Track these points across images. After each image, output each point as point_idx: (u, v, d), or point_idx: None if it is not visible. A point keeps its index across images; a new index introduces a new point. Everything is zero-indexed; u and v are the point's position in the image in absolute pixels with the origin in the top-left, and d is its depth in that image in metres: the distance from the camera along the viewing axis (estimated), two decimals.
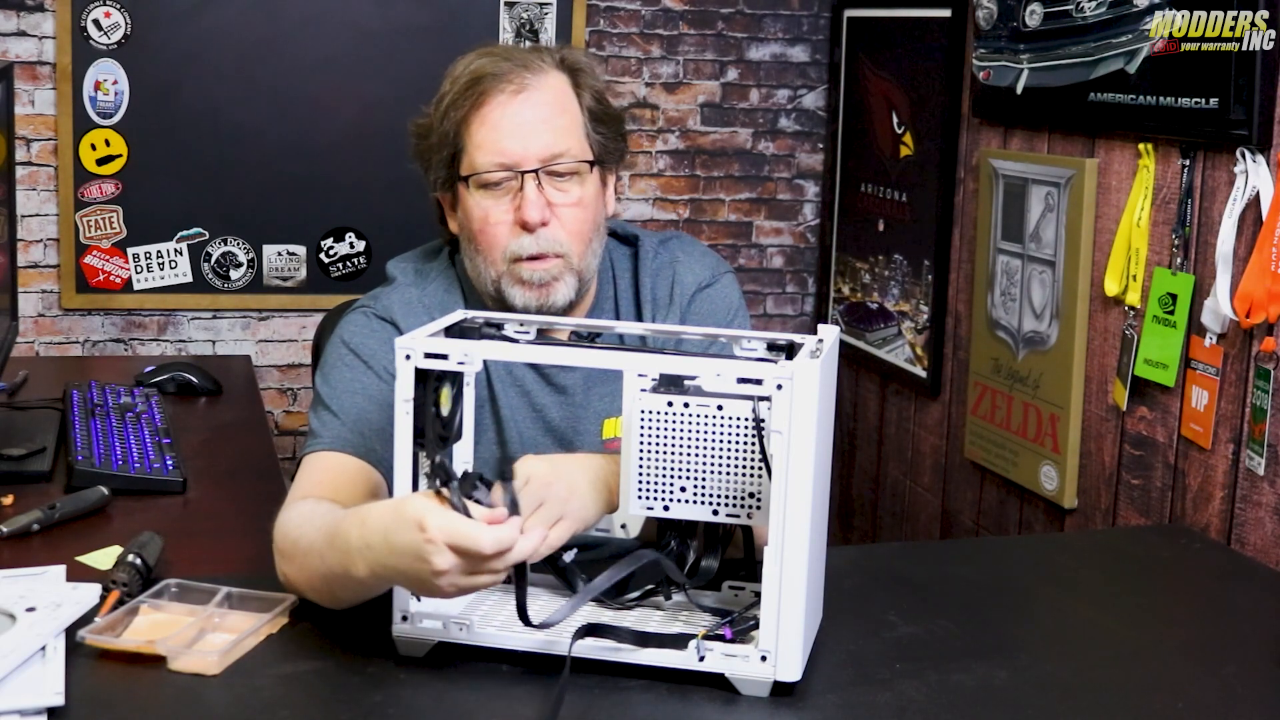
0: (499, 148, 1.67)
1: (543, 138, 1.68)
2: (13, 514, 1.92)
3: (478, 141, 1.68)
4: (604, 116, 1.75)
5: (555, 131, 1.69)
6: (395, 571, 1.34)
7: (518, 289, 1.70)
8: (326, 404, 1.69)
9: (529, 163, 1.67)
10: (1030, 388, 2.75)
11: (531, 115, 1.68)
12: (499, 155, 1.67)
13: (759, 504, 1.35)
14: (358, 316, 1.77)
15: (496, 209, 1.69)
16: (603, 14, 3.65)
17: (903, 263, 3.33)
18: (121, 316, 3.46)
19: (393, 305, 1.76)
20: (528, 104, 1.68)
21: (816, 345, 1.42)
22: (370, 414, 1.66)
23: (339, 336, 1.75)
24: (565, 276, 1.70)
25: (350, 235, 3.56)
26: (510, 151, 1.67)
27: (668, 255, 1.83)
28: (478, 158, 1.68)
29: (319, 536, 1.44)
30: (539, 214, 1.67)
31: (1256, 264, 2.10)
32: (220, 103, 3.42)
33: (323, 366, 1.75)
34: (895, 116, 3.35)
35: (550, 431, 1.76)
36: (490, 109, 1.68)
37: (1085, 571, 1.86)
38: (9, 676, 1.32)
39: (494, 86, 1.68)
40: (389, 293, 1.79)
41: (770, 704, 1.36)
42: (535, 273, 1.69)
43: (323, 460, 1.65)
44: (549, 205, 1.69)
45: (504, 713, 1.34)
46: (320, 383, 1.72)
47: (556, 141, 1.69)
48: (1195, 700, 1.44)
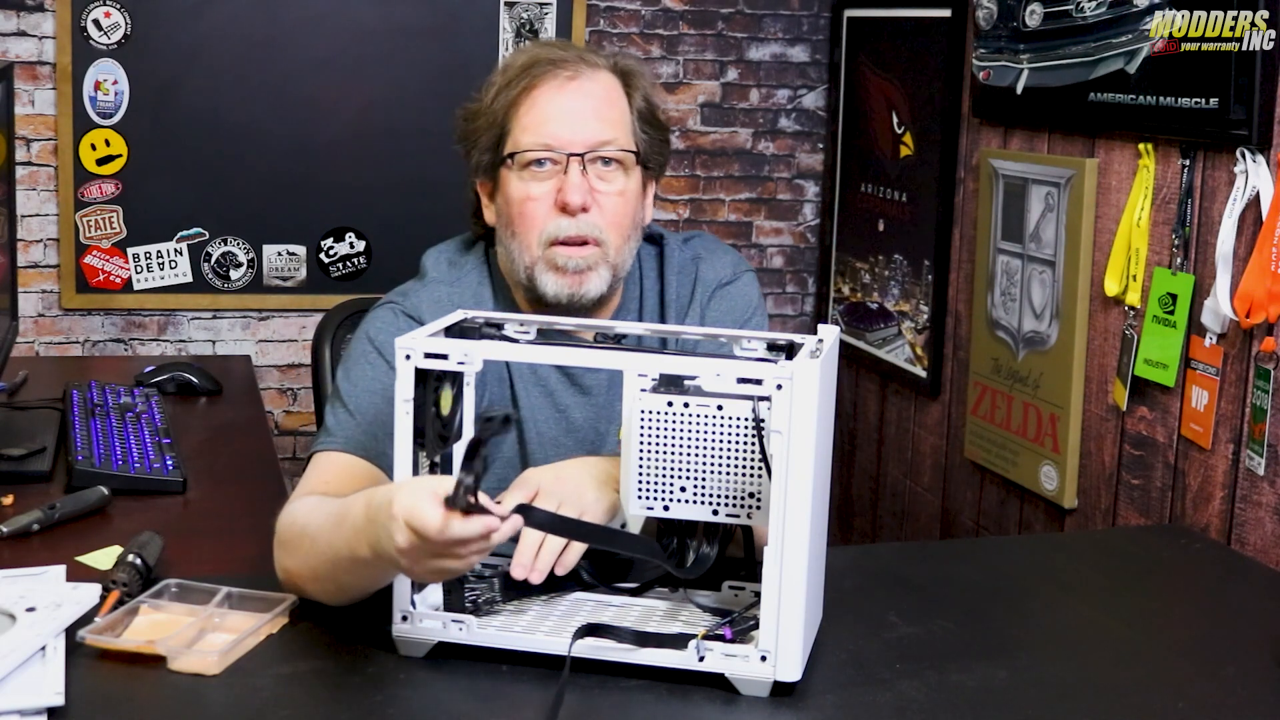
0: (547, 129, 1.68)
1: (591, 125, 1.69)
2: (13, 514, 1.92)
3: (525, 124, 1.69)
4: (653, 120, 1.76)
5: (603, 121, 1.70)
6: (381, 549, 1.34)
7: (551, 275, 1.69)
8: (345, 401, 1.69)
9: (576, 146, 1.68)
10: (1030, 388, 2.75)
11: (582, 103, 1.69)
12: (546, 136, 1.68)
13: (759, 504, 1.35)
14: (385, 313, 1.76)
15: (538, 188, 1.69)
16: (603, 14, 3.65)
17: (903, 263, 3.33)
18: (121, 316, 3.46)
19: (421, 304, 1.75)
20: (579, 92, 1.70)
21: (816, 345, 1.42)
22: (386, 416, 1.66)
23: (365, 332, 1.75)
24: (600, 267, 1.70)
25: (350, 235, 3.56)
26: (558, 134, 1.68)
27: (690, 254, 1.83)
28: (523, 138, 1.69)
29: (326, 521, 1.44)
30: (581, 197, 1.67)
31: (1256, 264, 2.10)
32: (220, 103, 3.42)
33: (345, 360, 1.75)
34: (895, 116, 3.35)
35: (573, 432, 1.76)
36: (541, 92, 1.69)
37: (1085, 571, 1.86)
38: (9, 676, 1.32)
39: (547, 72, 1.69)
40: (419, 290, 1.78)
41: (770, 704, 1.36)
42: (571, 259, 1.68)
43: (333, 460, 1.65)
44: (591, 192, 1.69)
45: (504, 713, 1.34)
46: (341, 377, 1.72)
47: (604, 130, 1.69)
48: (1195, 700, 1.44)
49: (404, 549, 1.28)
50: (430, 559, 1.29)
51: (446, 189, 2.96)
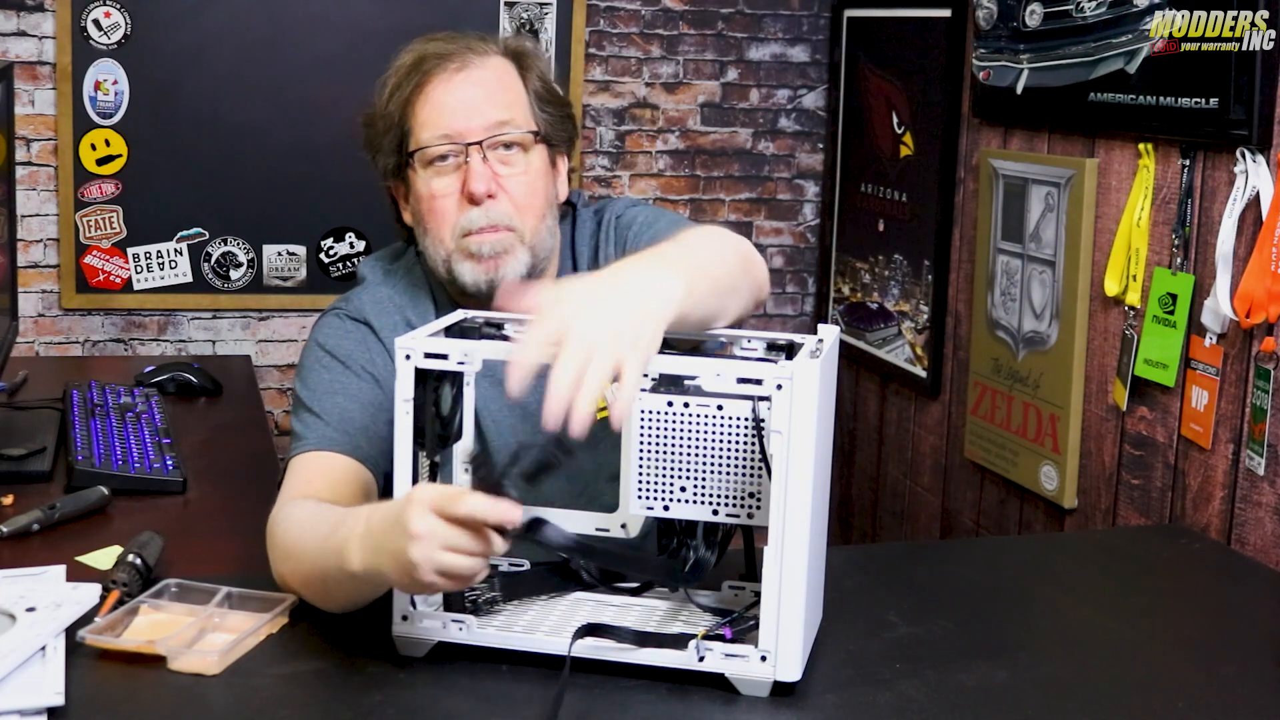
0: (442, 122, 1.68)
1: (486, 111, 1.69)
2: (13, 514, 1.92)
3: (422, 119, 1.70)
4: (550, 98, 1.76)
5: (498, 105, 1.70)
6: (383, 554, 1.31)
7: (468, 264, 1.69)
8: (308, 406, 1.68)
9: (473, 134, 1.68)
10: (1030, 388, 2.75)
11: (475, 91, 1.70)
12: (443, 129, 1.68)
13: (759, 504, 1.35)
14: (331, 319, 1.77)
15: (443, 184, 1.69)
16: (603, 14, 3.65)
17: (903, 263, 3.33)
18: (121, 316, 3.46)
19: (364, 305, 1.77)
20: (470, 80, 1.70)
21: (816, 345, 1.42)
22: (353, 413, 1.66)
23: (314, 341, 1.76)
24: (516, 250, 1.69)
25: (350, 235, 3.56)
26: (454, 125, 1.68)
27: (591, 210, 1.84)
28: (422, 134, 1.70)
29: (315, 533, 1.44)
30: (484, 185, 1.67)
31: (1256, 264, 2.10)
32: (220, 103, 3.42)
33: (300, 371, 1.75)
34: (895, 116, 3.35)
35: (528, 417, 1.73)
36: (433, 87, 1.69)
37: (1085, 571, 1.86)
38: (9, 676, 1.32)
39: (437, 66, 1.70)
40: (359, 293, 1.80)
41: (770, 704, 1.36)
42: (484, 244, 1.68)
43: (311, 460, 1.64)
44: (495, 178, 1.69)
45: (504, 713, 1.34)
46: (300, 387, 1.72)
47: (499, 112, 1.70)
48: (1195, 700, 1.44)
49: (418, 533, 1.25)
50: (438, 550, 1.26)
51: None
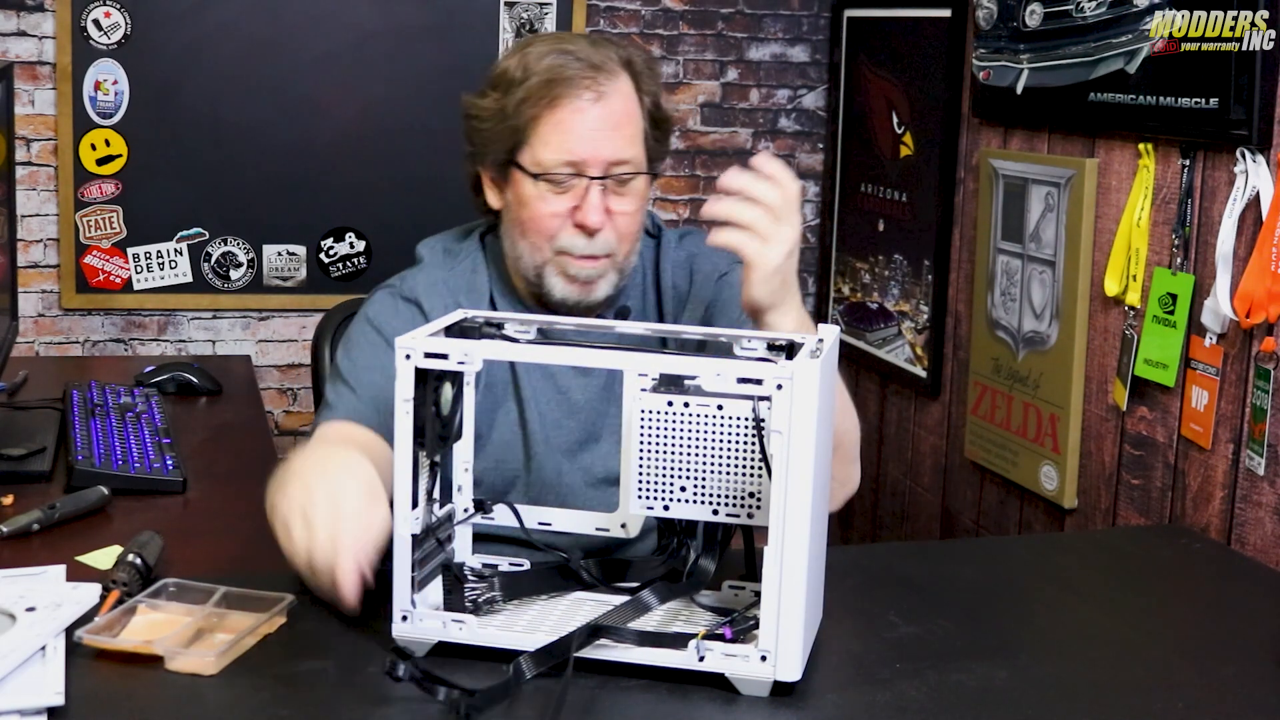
0: (568, 148, 1.70)
1: (611, 144, 1.72)
2: (13, 514, 1.92)
3: (546, 139, 1.71)
4: (660, 120, 1.80)
5: (622, 140, 1.73)
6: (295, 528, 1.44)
7: (560, 279, 1.74)
8: (345, 378, 1.73)
9: (595, 168, 1.71)
10: (1030, 388, 2.75)
11: (603, 124, 1.72)
12: (568, 155, 1.70)
13: (759, 504, 1.35)
14: (383, 295, 1.81)
15: (556, 203, 1.72)
16: (603, 14, 3.64)
17: (903, 263, 3.33)
18: (121, 316, 3.46)
19: (418, 286, 1.80)
20: (600, 111, 1.72)
21: (816, 345, 1.42)
22: (387, 392, 1.66)
23: (364, 314, 1.80)
24: (609, 274, 1.75)
25: (350, 235, 3.56)
26: (579, 154, 1.70)
27: (685, 252, 1.88)
28: (545, 155, 1.71)
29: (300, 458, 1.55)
30: (599, 219, 1.71)
31: (1256, 264, 2.10)
32: (220, 103, 3.42)
33: (345, 342, 1.80)
34: (895, 116, 3.35)
35: (574, 413, 1.80)
36: (565, 113, 1.70)
37: (1085, 571, 1.86)
38: (9, 676, 1.32)
39: (570, 91, 1.70)
40: (415, 273, 1.83)
41: (770, 704, 1.36)
42: (584, 270, 1.74)
43: (335, 428, 1.69)
44: (607, 211, 1.72)
45: (504, 713, 1.34)
46: (342, 356, 1.77)
47: (622, 150, 1.72)
48: (1195, 700, 1.44)
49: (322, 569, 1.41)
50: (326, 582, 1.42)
51: (446, 189, 2.96)
